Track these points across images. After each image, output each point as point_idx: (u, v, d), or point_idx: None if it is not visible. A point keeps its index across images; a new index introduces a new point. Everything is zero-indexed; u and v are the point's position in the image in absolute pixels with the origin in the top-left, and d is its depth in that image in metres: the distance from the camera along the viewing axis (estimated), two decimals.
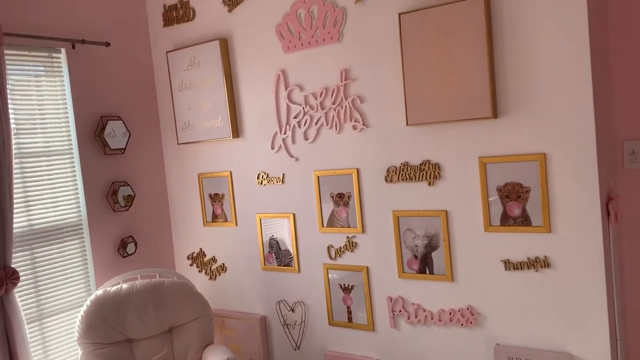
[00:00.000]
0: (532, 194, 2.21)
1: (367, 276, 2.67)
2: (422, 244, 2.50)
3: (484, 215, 2.32)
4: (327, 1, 2.63)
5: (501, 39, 2.21)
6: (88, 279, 3.00)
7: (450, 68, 2.27)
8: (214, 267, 3.28)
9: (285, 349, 3.02)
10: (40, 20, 2.79)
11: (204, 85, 3.09)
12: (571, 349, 2.21)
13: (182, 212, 3.37)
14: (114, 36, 3.13)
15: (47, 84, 2.87)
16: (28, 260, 2.74)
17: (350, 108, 2.62)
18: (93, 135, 3.02)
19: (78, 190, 2.97)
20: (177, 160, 3.35)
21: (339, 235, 2.74)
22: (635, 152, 2.55)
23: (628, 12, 2.50)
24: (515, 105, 2.21)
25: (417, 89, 2.36)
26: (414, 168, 2.48)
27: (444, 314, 2.47)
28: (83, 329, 2.67)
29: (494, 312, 2.36)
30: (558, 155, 2.15)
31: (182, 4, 3.18)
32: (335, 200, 2.74)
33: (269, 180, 2.96)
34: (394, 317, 2.61)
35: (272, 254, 3.01)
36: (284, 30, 2.79)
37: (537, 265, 2.23)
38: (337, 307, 2.80)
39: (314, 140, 2.76)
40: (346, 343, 2.79)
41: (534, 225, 2.22)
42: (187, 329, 2.85)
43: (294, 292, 2.95)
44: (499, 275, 2.32)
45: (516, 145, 2.23)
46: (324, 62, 2.68)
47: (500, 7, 2.19)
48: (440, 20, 2.28)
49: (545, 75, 2.14)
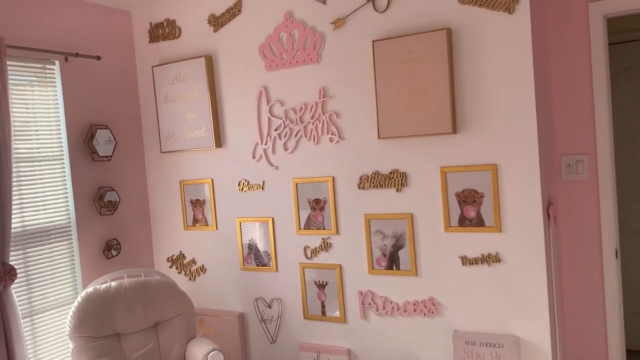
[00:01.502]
0: (485, 199, 2.58)
1: (340, 273, 2.97)
2: (390, 243, 2.83)
3: (444, 217, 2.67)
4: (307, 26, 2.95)
5: (460, 66, 2.58)
6: (75, 278, 3.17)
7: (417, 89, 2.62)
8: (193, 269, 3.50)
9: (262, 343, 3.27)
10: (36, 34, 2.98)
11: (188, 98, 3.33)
12: (518, 332, 2.57)
13: (163, 216, 3.58)
14: (104, 50, 3.34)
15: (41, 93, 3.05)
16: (21, 259, 2.89)
17: (327, 122, 2.93)
18: (83, 143, 3.21)
19: (68, 194, 3.14)
20: (159, 167, 3.56)
21: (314, 236, 3.04)
22: (571, 165, 2.98)
23: (566, 47, 2.94)
24: (472, 123, 2.58)
25: (387, 107, 2.70)
26: (383, 176, 2.81)
27: (408, 305, 2.80)
28: (75, 324, 2.84)
29: (452, 303, 2.70)
30: (507, 166, 2.53)
31: (169, 23, 3.43)
32: (312, 205, 3.03)
33: (250, 187, 3.22)
34: (364, 309, 2.92)
35: (252, 255, 3.26)
36: (267, 51, 3.09)
37: (489, 261, 2.59)
38: (312, 302, 3.08)
39: (293, 151, 3.05)
40: (320, 335, 3.07)
41: (487, 225, 2.58)
42: (172, 324, 3.06)
43: (271, 289, 3.21)
44: (457, 270, 2.67)
45: (472, 157, 2.60)
46: (303, 81, 2.99)
47: (460, 39, 2.57)
48: (408, 48, 2.63)
49: (497, 98, 2.52)
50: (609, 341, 2.98)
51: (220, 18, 3.22)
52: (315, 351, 3.04)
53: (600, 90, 2.88)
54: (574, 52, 2.92)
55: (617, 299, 2.95)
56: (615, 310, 2.96)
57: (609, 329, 2.98)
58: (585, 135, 2.94)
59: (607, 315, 2.97)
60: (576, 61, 2.91)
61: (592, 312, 3.00)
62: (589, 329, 3.02)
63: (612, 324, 2.97)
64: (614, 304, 2.96)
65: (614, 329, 2.97)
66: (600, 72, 2.87)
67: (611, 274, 2.94)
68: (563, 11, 2.92)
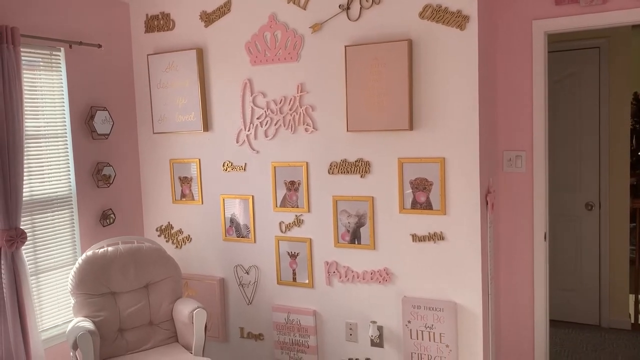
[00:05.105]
0: (434, 186, 3.04)
1: (310, 246, 3.43)
2: (353, 221, 3.29)
3: (399, 200, 3.13)
4: (289, 28, 3.34)
5: (418, 72, 3.02)
6: (75, 242, 3.56)
7: (381, 90, 3.05)
8: (180, 238, 3.92)
9: (240, 304, 3.73)
10: (44, 23, 3.31)
11: (180, 85, 3.71)
12: (456, 299, 3.07)
13: (154, 190, 3.98)
14: (104, 39, 3.68)
15: (47, 77, 3.40)
16: (29, 224, 3.27)
17: (303, 114, 3.35)
18: (83, 122, 3.57)
19: (69, 168, 3.52)
20: (151, 146, 3.94)
21: (289, 214, 3.48)
22: (511, 160, 3.46)
23: (511, 58, 3.39)
24: (426, 121, 3.03)
25: (355, 104, 3.13)
26: (350, 164, 3.25)
27: (367, 274, 3.27)
28: (76, 282, 3.25)
29: (403, 273, 3.18)
30: (453, 159, 2.99)
31: (163, 16, 3.78)
32: (287, 186, 3.46)
33: (233, 168, 3.64)
34: (329, 277, 3.39)
35: (233, 227, 3.70)
36: (252, 47, 3.47)
37: (435, 238, 3.07)
38: (285, 270, 3.54)
39: (273, 138, 3.47)
40: (290, 298, 3.54)
41: (434, 209, 3.06)
42: (161, 285, 3.48)
43: (249, 258, 3.66)
44: (408, 245, 3.15)
45: (425, 151, 3.05)
46: (284, 76, 3.39)
47: (419, 49, 3.00)
48: (375, 54, 3.05)
49: (447, 101, 2.97)
50: (536, 311, 3.51)
51: (211, 15, 3.59)
52: (286, 311, 3.52)
53: (538, 96, 3.35)
54: (518, 62, 3.37)
55: (543, 275, 3.47)
56: (542, 285, 3.48)
57: (536, 301, 3.50)
58: (524, 134, 3.41)
59: (535, 289, 3.49)
60: (519, 70, 3.37)
61: (523, 286, 3.52)
62: (520, 300, 3.55)
63: (539, 296, 3.49)
64: (540, 279, 3.47)
65: (540, 301, 3.50)
66: (539, 80, 3.33)
67: (540, 254, 3.46)
68: (510, 27, 3.37)
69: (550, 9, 3.24)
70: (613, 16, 3.10)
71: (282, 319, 3.53)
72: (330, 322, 3.42)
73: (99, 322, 3.18)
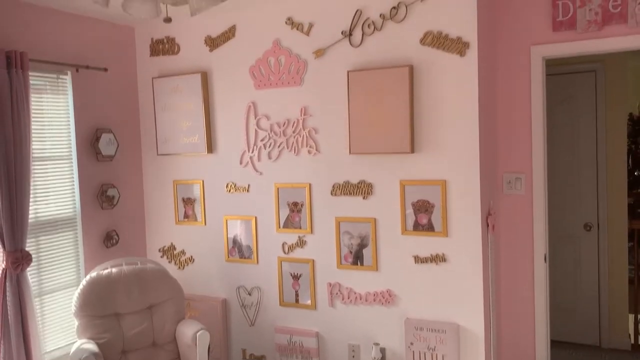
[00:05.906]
0: (435, 208, 3.09)
1: (313, 267, 3.46)
2: (355, 242, 3.32)
3: (401, 222, 3.18)
4: (292, 53, 3.41)
5: (419, 97, 3.08)
6: (79, 264, 3.58)
7: (383, 114, 3.11)
8: (182, 259, 3.94)
9: (242, 325, 3.74)
10: (52, 48, 3.37)
11: (184, 108, 3.77)
12: (458, 321, 3.09)
13: (157, 211, 4.01)
14: (110, 62, 3.75)
15: (54, 100, 3.45)
16: (34, 246, 3.30)
17: (306, 137, 3.41)
18: (89, 144, 3.61)
19: (74, 190, 3.55)
20: (155, 168, 3.98)
21: (292, 234, 3.51)
22: (511, 182, 3.51)
23: (510, 83, 3.46)
24: (427, 145, 3.09)
25: (358, 127, 3.19)
26: (353, 185, 3.30)
27: (369, 296, 3.30)
28: (80, 304, 3.26)
29: (405, 294, 3.21)
30: (454, 182, 3.04)
31: (168, 40, 3.85)
32: (290, 207, 3.50)
33: (236, 189, 3.68)
34: (332, 298, 3.41)
35: (235, 248, 3.73)
36: (256, 72, 3.54)
37: (437, 260, 3.11)
38: (287, 291, 3.56)
39: (276, 160, 3.52)
40: (293, 319, 3.55)
41: (436, 231, 3.10)
42: (164, 306, 3.50)
43: (252, 279, 3.68)
44: (410, 267, 3.18)
45: (426, 173, 3.11)
46: (287, 100, 3.45)
47: (420, 74, 3.07)
48: (378, 79, 3.12)
49: (448, 126, 3.03)
50: (537, 331, 3.53)
51: (216, 40, 3.66)
52: (289, 333, 3.53)
53: (537, 120, 3.41)
54: (517, 86, 3.44)
55: (544, 296, 3.50)
56: (542, 305, 3.51)
57: (537, 321, 3.52)
58: (524, 157, 3.47)
59: (535, 310, 3.52)
60: (518, 95, 3.44)
61: (524, 307, 3.55)
62: (521, 320, 3.57)
63: (540, 317, 3.52)
64: (541, 300, 3.50)
65: (541, 322, 3.52)
66: (538, 104, 3.40)
67: (540, 275, 3.49)
68: (509, 52, 3.44)
69: (548, 35, 3.33)
70: (608, 42, 3.18)
71: (285, 340, 3.54)
72: (333, 344, 3.43)
73: (103, 343, 3.19)
